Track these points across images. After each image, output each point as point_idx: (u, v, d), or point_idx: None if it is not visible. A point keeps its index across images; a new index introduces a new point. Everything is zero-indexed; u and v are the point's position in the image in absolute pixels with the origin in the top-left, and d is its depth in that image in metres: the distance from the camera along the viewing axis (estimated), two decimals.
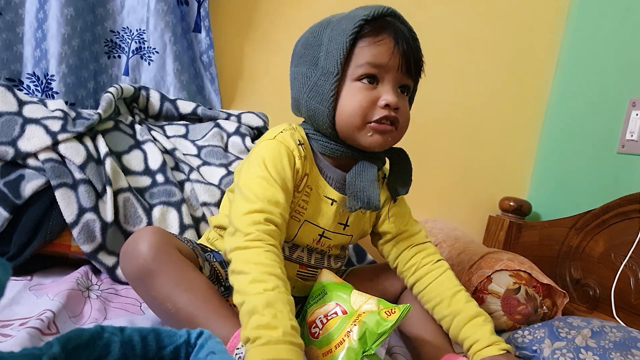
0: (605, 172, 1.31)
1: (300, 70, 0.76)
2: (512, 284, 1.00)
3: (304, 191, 0.76)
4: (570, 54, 1.51)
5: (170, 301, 0.65)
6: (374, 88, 0.72)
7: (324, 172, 0.78)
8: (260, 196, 0.68)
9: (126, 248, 0.70)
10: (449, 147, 1.54)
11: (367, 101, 0.71)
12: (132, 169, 1.02)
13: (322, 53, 0.72)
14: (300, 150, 0.75)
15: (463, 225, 1.49)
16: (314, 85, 0.73)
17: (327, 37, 0.73)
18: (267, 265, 0.61)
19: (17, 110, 0.95)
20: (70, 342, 0.37)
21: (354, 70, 0.71)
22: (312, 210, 0.77)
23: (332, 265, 0.85)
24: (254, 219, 0.65)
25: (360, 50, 0.71)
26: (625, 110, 1.27)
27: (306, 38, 0.77)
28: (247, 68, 1.36)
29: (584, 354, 0.81)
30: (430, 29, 1.47)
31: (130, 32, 1.25)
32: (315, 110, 0.74)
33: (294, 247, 0.80)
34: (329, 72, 0.72)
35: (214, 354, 0.41)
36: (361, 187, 0.75)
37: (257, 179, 0.70)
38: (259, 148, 0.75)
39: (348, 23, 0.71)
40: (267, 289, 0.58)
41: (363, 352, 0.62)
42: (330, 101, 0.72)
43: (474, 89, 1.52)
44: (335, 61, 0.71)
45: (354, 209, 0.74)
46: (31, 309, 0.72)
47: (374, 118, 0.72)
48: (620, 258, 1.09)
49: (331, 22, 0.74)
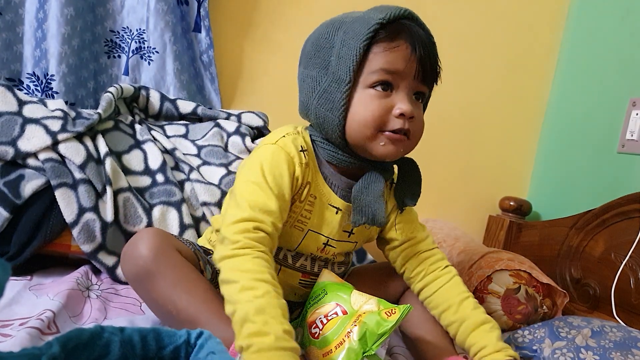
0: (606, 171, 1.31)
1: (310, 73, 0.72)
2: (512, 283, 1.00)
3: (306, 200, 0.74)
4: (570, 53, 1.51)
5: (171, 303, 0.65)
6: (388, 96, 0.68)
7: (328, 179, 0.76)
8: (251, 204, 0.65)
9: (126, 250, 0.70)
10: (449, 147, 1.54)
11: (381, 110, 0.68)
12: (132, 169, 1.02)
13: (334, 57, 0.69)
14: (302, 157, 0.72)
15: (463, 225, 1.49)
16: (324, 91, 0.70)
17: (339, 40, 0.69)
18: (256, 272, 0.60)
19: (17, 110, 0.95)
20: (69, 342, 0.37)
21: (367, 76, 0.68)
22: (316, 220, 0.75)
23: (336, 270, 0.83)
24: (242, 227, 0.63)
25: (375, 56, 0.67)
26: (626, 110, 1.26)
27: (317, 38, 0.72)
28: (247, 68, 1.36)
29: (584, 353, 0.81)
30: (431, 28, 1.46)
31: (130, 31, 1.25)
32: (325, 118, 0.71)
33: (298, 255, 0.78)
34: (340, 79, 0.68)
35: (213, 354, 0.41)
36: (367, 202, 0.72)
37: (252, 184, 0.68)
38: (258, 152, 0.73)
39: (362, 26, 0.67)
40: (257, 296, 0.57)
41: (363, 352, 0.62)
42: (341, 110, 0.69)
43: (474, 89, 1.52)
44: (347, 68, 0.67)
45: (358, 223, 0.71)
46: (31, 309, 0.72)
47: (388, 128, 0.69)
48: (620, 258, 1.09)
49: (344, 22, 0.70)
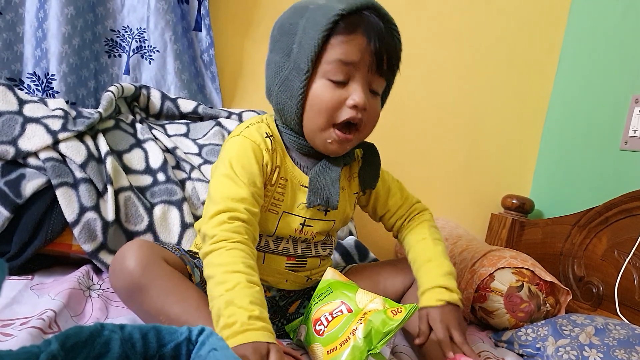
0: (608, 169, 1.30)
1: (274, 58, 0.74)
2: (515, 281, 0.99)
3: (277, 183, 0.76)
4: (572, 50, 1.51)
5: (163, 313, 0.65)
6: (343, 86, 0.70)
7: (297, 161, 0.78)
8: (223, 195, 0.68)
9: (114, 265, 0.70)
10: (451, 145, 1.53)
11: (335, 101, 0.70)
12: (133, 168, 1.02)
13: (296, 45, 0.70)
14: (268, 143, 0.74)
15: (465, 224, 1.49)
16: (285, 79, 0.72)
17: (301, 28, 0.70)
18: (228, 264, 0.62)
19: (18, 109, 0.95)
20: (69, 340, 0.37)
21: (325, 66, 0.69)
22: (289, 201, 0.77)
23: (320, 252, 0.84)
24: (217, 220, 0.66)
25: (332, 47, 0.69)
26: (628, 107, 1.26)
27: (282, 23, 0.74)
28: (248, 66, 1.36)
29: (588, 351, 0.81)
30: (432, 26, 1.47)
31: (131, 31, 1.24)
32: (285, 105, 0.73)
33: (278, 239, 0.79)
34: (299, 68, 0.70)
35: (216, 350, 0.40)
36: (322, 185, 0.75)
37: (222, 177, 0.70)
38: (225, 147, 0.75)
39: (323, 17, 0.68)
40: (228, 289, 0.59)
41: (368, 350, 0.62)
42: (299, 98, 0.71)
43: (476, 86, 1.52)
44: (306, 58, 0.69)
45: (312, 204, 0.76)
46: (32, 309, 0.72)
47: (340, 119, 0.71)
48: (623, 255, 1.09)
49: (308, 9, 0.70)
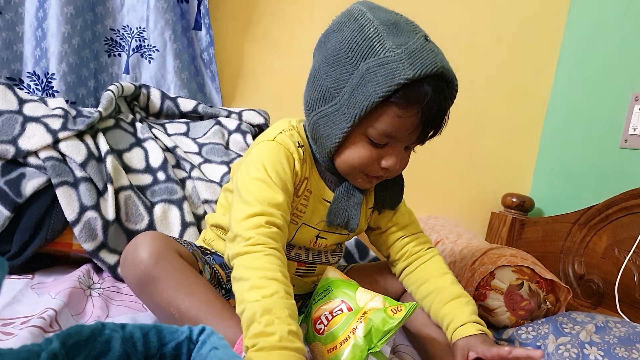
0: (609, 167, 1.30)
1: (323, 81, 0.68)
2: (515, 279, 0.99)
3: (303, 195, 0.75)
4: (572, 48, 1.51)
5: (174, 306, 0.65)
6: (381, 148, 0.69)
7: (323, 174, 0.78)
8: (259, 199, 0.66)
9: (126, 255, 0.69)
10: (451, 143, 1.52)
11: (369, 160, 0.70)
12: (133, 167, 1.02)
13: (348, 87, 0.65)
14: (300, 153, 0.73)
15: (465, 222, 1.49)
16: (327, 115, 0.69)
17: (359, 74, 0.64)
18: (266, 270, 0.60)
19: (18, 108, 0.95)
20: (70, 338, 0.37)
21: (370, 129, 0.67)
22: (310, 214, 0.77)
23: (330, 260, 0.85)
24: (254, 222, 0.64)
25: (384, 113, 0.65)
26: (628, 105, 1.26)
27: (340, 47, 0.66)
28: (248, 65, 1.36)
29: (589, 349, 0.81)
30: (432, 24, 1.45)
31: (131, 30, 1.24)
32: (320, 137, 0.71)
33: (290, 246, 0.79)
34: (344, 117, 0.67)
35: (216, 349, 0.40)
36: (345, 206, 0.75)
37: (256, 181, 0.68)
38: (257, 149, 0.73)
39: (385, 78, 0.62)
40: (265, 295, 0.57)
41: (368, 349, 0.62)
42: (335, 143, 0.69)
43: (476, 85, 1.52)
44: (355, 113, 0.65)
45: (332, 224, 0.76)
46: (33, 308, 0.72)
47: (371, 174, 0.72)
48: (624, 253, 1.09)
49: (376, 51, 0.63)
